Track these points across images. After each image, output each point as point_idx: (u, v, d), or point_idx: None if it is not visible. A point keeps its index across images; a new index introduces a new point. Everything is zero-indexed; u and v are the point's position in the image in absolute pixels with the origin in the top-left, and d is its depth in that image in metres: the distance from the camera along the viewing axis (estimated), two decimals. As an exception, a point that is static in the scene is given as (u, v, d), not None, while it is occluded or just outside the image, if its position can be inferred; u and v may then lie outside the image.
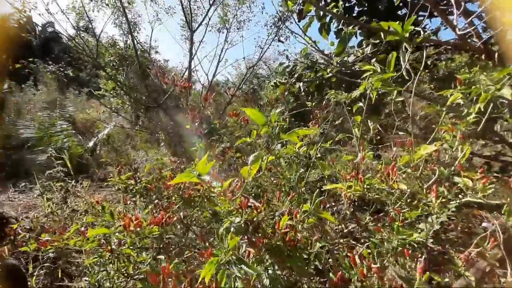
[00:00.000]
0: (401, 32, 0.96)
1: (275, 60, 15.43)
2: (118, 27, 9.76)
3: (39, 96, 10.56)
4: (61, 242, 0.96)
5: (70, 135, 6.62)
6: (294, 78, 3.18)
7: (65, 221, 2.91)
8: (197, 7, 9.46)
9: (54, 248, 0.97)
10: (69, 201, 2.95)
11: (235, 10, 10.08)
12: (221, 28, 10.26)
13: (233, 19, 10.19)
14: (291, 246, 0.63)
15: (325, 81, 3.29)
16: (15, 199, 4.48)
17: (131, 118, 11.16)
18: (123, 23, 9.59)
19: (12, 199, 4.43)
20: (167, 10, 9.94)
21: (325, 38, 3.65)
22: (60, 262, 2.15)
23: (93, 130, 9.07)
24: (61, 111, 8.61)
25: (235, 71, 17.90)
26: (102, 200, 3.84)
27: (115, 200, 4.05)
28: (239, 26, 10.34)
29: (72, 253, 2.43)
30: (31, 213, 3.44)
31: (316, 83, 3.27)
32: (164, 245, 0.91)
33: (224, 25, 10.09)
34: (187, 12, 8.81)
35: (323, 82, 3.29)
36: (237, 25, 10.27)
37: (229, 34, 10.21)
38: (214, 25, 10.14)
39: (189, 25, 8.81)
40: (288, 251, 0.63)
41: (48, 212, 2.74)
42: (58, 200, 2.83)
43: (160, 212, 0.95)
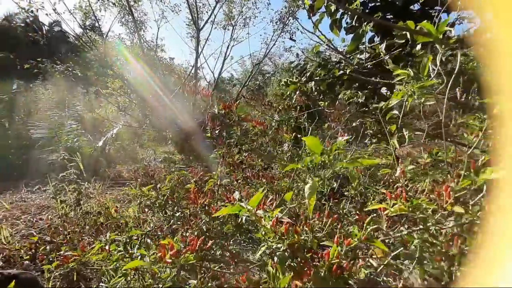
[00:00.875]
0: (435, 33, 0.90)
1: (280, 56, 15.31)
2: (125, 26, 9.78)
3: (48, 96, 10.68)
4: (83, 257, 0.94)
5: (79, 135, 6.68)
6: (305, 77, 3.12)
7: (78, 222, 2.93)
8: (202, 5, 9.40)
9: (76, 263, 0.96)
10: (82, 202, 2.97)
11: (240, 7, 9.98)
12: (226, 25, 10.18)
13: (238, 16, 10.10)
14: (337, 275, 0.60)
15: (336, 79, 3.22)
16: (28, 199, 4.55)
17: (138, 116, 11.21)
18: (129, 21, 9.60)
19: (25, 199, 4.49)
20: (173, 8, 9.90)
21: (336, 35, 3.57)
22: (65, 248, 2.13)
23: (102, 129, 9.14)
24: (70, 110, 8.69)
25: (240, 68, 17.83)
26: (113, 200, 3.85)
27: (126, 200, 4.08)
28: (244, 23, 10.25)
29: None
30: (45, 215, 3.48)
31: (328, 81, 3.20)
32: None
33: (229, 22, 10.01)
34: (193, 9, 8.75)
35: (334, 80, 3.22)
36: (242, 21, 10.18)
37: (234, 31, 10.13)
38: (220, 22, 10.07)
39: (195, 23, 8.75)
40: (333, 280, 0.59)
41: (62, 214, 2.76)
42: (71, 202, 2.85)
43: (186, 229, 0.92)
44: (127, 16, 9.49)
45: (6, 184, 5.71)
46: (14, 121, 8.26)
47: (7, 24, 17.65)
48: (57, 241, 2.19)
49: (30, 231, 2.97)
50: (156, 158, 8.33)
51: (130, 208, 3.12)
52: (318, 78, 3.15)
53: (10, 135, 7.71)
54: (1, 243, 2.58)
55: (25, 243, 2.68)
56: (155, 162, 7.63)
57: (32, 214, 3.55)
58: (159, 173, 2.42)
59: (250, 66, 15.91)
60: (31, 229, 3.04)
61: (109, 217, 2.96)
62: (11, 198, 4.42)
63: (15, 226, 3.05)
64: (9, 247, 2.55)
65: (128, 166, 7.68)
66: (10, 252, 2.58)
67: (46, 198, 4.28)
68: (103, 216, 2.86)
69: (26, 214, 3.58)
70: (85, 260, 0.94)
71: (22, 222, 3.23)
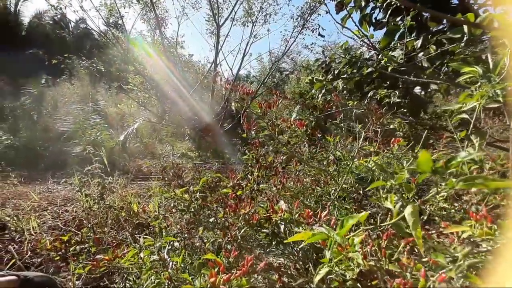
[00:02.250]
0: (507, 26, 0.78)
1: (298, 53, 15.05)
2: (146, 23, 9.93)
3: (73, 90, 11.10)
4: (115, 262, 0.91)
5: (102, 129, 6.87)
6: (332, 75, 2.98)
7: (102, 216, 2.98)
8: (223, 1, 9.35)
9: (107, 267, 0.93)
10: (105, 196, 3.02)
11: (261, 3, 9.85)
12: (246, 22, 10.09)
13: (259, 12, 9.97)
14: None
15: (365, 77, 3.06)
16: (54, 190, 4.72)
17: (157, 112, 11.42)
18: (151, 18, 9.73)
19: (52, 190, 4.66)
20: (194, 4, 9.93)
21: (366, 30, 3.40)
22: (95, 250, 2.14)
23: (123, 124, 9.37)
24: (93, 104, 8.97)
25: (258, 65, 17.71)
26: (134, 195, 3.89)
27: (146, 195, 4.13)
28: (264, 19, 10.11)
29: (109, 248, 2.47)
30: (70, 206, 3.58)
31: (356, 80, 3.05)
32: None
33: (249, 18, 9.91)
34: (214, 6, 8.73)
35: (363, 79, 3.06)
36: (263, 18, 10.05)
37: (254, 27, 10.02)
38: (240, 19, 9.99)
39: (215, 19, 8.73)
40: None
41: (86, 208, 2.82)
42: (95, 195, 2.91)
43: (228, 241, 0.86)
44: (149, 13, 9.63)
45: (34, 174, 5.98)
46: (42, 114, 8.64)
47: (37, 21, 18.49)
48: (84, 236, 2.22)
49: (56, 222, 3.05)
50: (175, 153, 8.43)
51: (150, 204, 3.14)
52: (345, 76, 3.01)
53: (38, 128, 8.07)
54: (30, 234, 2.67)
55: (52, 235, 2.76)
56: (173, 158, 7.72)
57: (58, 206, 3.66)
58: (187, 172, 2.39)
59: (268, 63, 15.77)
60: (57, 220, 3.13)
61: (131, 211, 3.00)
62: (39, 189, 4.60)
63: (43, 217, 3.15)
64: (37, 237, 2.63)
65: (147, 161, 7.83)
66: (38, 243, 2.66)
67: (71, 190, 4.41)
68: (125, 211, 2.89)
69: (53, 205, 3.70)
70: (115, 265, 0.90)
71: (49, 213, 3.34)
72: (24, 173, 5.77)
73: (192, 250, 1.08)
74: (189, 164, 7.27)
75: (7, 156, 6.63)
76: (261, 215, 0.89)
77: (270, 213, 0.86)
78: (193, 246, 1.10)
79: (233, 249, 0.77)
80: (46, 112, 9.24)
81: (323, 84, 3.03)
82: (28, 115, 8.25)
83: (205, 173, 4.21)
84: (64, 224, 2.99)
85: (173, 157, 7.51)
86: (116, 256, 0.89)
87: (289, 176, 1.40)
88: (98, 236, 2.52)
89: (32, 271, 1.93)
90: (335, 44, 13.48)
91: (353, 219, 0.55)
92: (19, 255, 2.53)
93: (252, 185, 1.24)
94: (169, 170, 1.59)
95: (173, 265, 0.89)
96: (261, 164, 1.34)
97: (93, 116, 7.34)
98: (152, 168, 6.85)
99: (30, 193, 3.79)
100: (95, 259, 0.89)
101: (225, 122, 9.69)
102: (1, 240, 2.80)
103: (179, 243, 1.12)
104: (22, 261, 2.46)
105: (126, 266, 0.89)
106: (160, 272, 0.88)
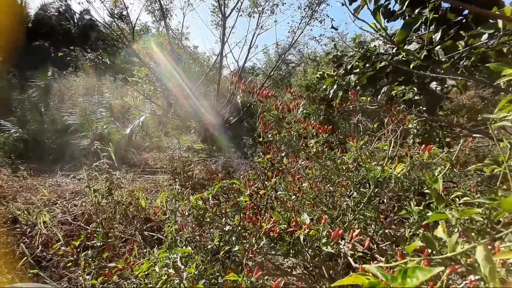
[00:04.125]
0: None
1: (305, 44, 14.76)
2: (151, 14, 9.80)
3: (79, 82, 11.12)
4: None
5: (109, 122, 6.87)
6: (344, 69, 2.88)
7: (110, 211, 2.99)
8: (229, -9, 9.13)
9: (119, 276, 0.90)
10: (113, 191, 3.02)
11: (268, -7, 9.62)
12: (252, 13, 9.88)
13: (265, 2, 9.75)
14: None
15: (378, 72, 2.96)
16: (63, 183, 4.76)
17: (163, 105, 11.39)
18: (156, 9, 9.59)
19: (60, 183, 4.71)
20: (199, -6, 9.72)
21: (379, 21, 3.27)
22: (107, 254, 2.17)
23: (129, 116, 9.37)
24: (99, 97, 8.95)
25: (264, 57, 17.48)
26: (141, 189, 3.88)
27: (153, 189, 4.14)
28: (271, 9, 9.88)
29: (118, 245, 2.48)
30: (78, 200, 3.60)
31: (369, 74, 2.95)
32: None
33: (255, 8, 9.70)
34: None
35: (376, 73, 2.96)
36: (269, 8, 9.83)
37: (261, 18, 9.82)
38: (245, 9, 9.78)
39: (221, 10, 8.55)
40: None
41: (95, 203, 2.82)
42: (103, 190, 2.91)
43: (249, 257, 0.81)
44: (154, 3, 9.49)
45: (42, 167, 6.05)
46: (49, 107, 8.68)
47: (43, 13, 18.44)
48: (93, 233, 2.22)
49: (65, 216, 3.07)
50: (180, 147, 8.43)
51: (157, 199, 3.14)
52: (357, 71, 2.91)
53: (46, 120, 8.11)
54: (40, 228, 2.69)
55: (62, 230, 2.78)
56: (179, 151, 7.72)
57: (67, 199, 3.69)
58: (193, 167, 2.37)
59: (274, 56, 15.54)
60: (67, 214, 3.15)
61: (139, 207, 3.00)
62: (48, 182, 4.65)
63: (52, 211, 3.18)
64: (48, 232, 2.65)
65: (154, 154, 7.85)
66: (48, 237, 2.68)
67: (79, 183, 4.44)
68: (133, 207, 2.89)
69: (61, 199, 3.73)
70: (128, 275, 0.88)
71: (59, 207, 3.37)
72: (33, 166, 5.83)
73: (205, 255, 1.05)
74: (195, 158, 7.27)
75: (17, 148, 6.70)
76: (282, 228, 0.85)
77: (293, 227, 0.81)
78: (206, 250, 1.07)
79: (256, 269, 0.73)
80: (53, 105, 9.29)
81: (335, 80, 2.94)
82: (36, 108, 8.30)
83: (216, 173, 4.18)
84: (73, 219, 3.01)
85: (179, 151, 7.50)
86: (129, 264, 0.86)
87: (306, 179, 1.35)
88: (107, 231, 2.53)
89: (29, 283, 1.93)
90: (342, 35, 13.17)
91: (422, 273, 0.45)
92: (30, 249, 2.56)
93: (269, 192, 1.19)
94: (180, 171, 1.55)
95: (187, 275, 0.86)
96: (277, 169, 1.29)
97: (99, 109, 7.33)
98: (159, 162, 6.88)
99: (40, 187, 3.82)
100: (108, 267, 0.86)
101: (230, 115, 9.62)
102: (13, 234, 2.84)
103: (191, 246, 1.09)
104: (33, 255, 2.49)
105: (140, 276, 0.86)
106: (173, 281, 0.85)
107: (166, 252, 0.92)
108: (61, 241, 2.36)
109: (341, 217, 1.16)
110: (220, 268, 0.94)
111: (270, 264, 1.00)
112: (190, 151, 8.34)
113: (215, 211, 1.02)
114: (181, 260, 0.89)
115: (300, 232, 0.81)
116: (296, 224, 0.82)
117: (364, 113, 3.74)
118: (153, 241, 2.42)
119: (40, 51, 15.18)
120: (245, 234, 0.94)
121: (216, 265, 0.95)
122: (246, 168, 4.89)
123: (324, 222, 0.83)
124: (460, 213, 0.63)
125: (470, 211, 0.62)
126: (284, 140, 1.09)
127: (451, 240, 0.56)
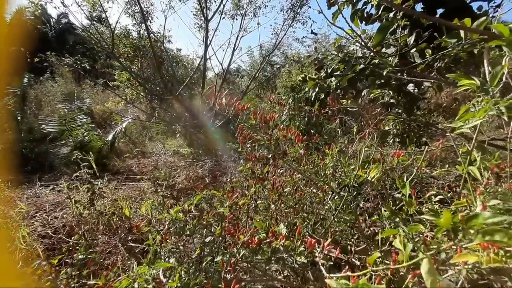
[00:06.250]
0: (508, 35, 0.75)
1: (288, 45, 14.92)
2: (131, 17, 9.60)
3: (57, 88, 10.71)
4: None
5: (90, 129, 6.67)
6: (325, 72, 2.95)
7: (93, 222, 2.91)
8: (210, -7, 9.09)
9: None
10: (95, 202, 2.94)
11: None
12: (235, 15, 9.89)
13: (248, 4, 9.78)
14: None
15: (358, 75, 3.04)
16: (42, 194, 4.57)
17: (146, 109, 11.17)
18: (136, 12, 9.41)
19: (39, 194, 4.52)
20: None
21: (357, 26, 3.37)
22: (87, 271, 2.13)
23: (111, 122, 9.13)
24: (79, 103, 8.66)
25: (249, 59, 17.52)
26: (125, 197, 3.80)
27: (137, 198, 4.05)
28: (254, 12, 9.93)
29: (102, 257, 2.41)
30: (59, 212, 3.47)
31: (349, 76, 3.03)
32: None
33: (238, 10, 9.71)
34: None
35: (356, 76, 3.04)
36: (252, 11, 9.87)
37: (244, 21, 9.84)
38: (228, 11, 9.77)
39: (203, 13, 8.50)
40: None
41: (76, 214, 2.74)
42: (85, 201, 2.82)
43: (227, 270, 0.82)
44: (134, 6, 9.30)
45: (20, 178, 5.77)
46: (26, 114, 8.32)
47: (18, 17, 17.63)
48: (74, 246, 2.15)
49: (45, 230, 2.96)
50: (166, 152, 8.30)
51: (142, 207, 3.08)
52: (338, 74, 2.98)
53: (23, 128, 7.77)
54: (19, 243, 2.57)
55: (42, 243, 2.68)
56: (165, 156, 7.60)
57: (47, 211, 3.55)
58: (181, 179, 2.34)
59: (258, 57, 15.59)
60: (47, 227, 3.04)
61: (123, 216, 2.93)
62: (26, 193, 4.46)
63: (31, 225, 3.05)
64: (27, 247, 2.54)
65: (138, 160, 7.68)
66: (28, 252, 2.57)
67: (59, 194, 4.29)
68: (116, 216, 2.82)
69: (41, 211, 3.59)
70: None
71: (38, 220, 3.24)
72: (10, 177, 5.57)
73: (188, 266, 1.05)
74: (181, 162, 7.18)
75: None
76: (261, 239, 0.86)
77: (270, 238, 0.83)
78: (189, 261, 1.07)
79: (234, 282, 0.74)
80: (31, 112, 8.90)
81: (316, 82, 3.00)
82: (12, 116, 7.92)
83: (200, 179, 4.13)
84: (54, 232, 2.91)
85: (164, 156, 7.38)
86: (109, 281, 0.85)
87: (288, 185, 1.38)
88: (90, 243, 2.45)
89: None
90: (325, 36, 13.42)
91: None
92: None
93: (249, 201, 1.20)
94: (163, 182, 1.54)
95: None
96: (257, 177, 1.30)
97: (79, 115, 7.10)
98: (143, 168, 6.74)
99: (18, 199, 3.66)
100: (88, 285, 0.85)
101: (216, 118, 9.57)
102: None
103: (175, 257, 1.08)
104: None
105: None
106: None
107: (147, 266, 0.91)
108: (41, 257, 2.28)
109: (320, 222, 1.19)
110: (203, 279, 0.94)
111: (255, 269, 1.02)
112: (176, 155, 8.22)
113: (195, 223, 1.03)
114: (163, 273, 0.89)
115: (277, 243, 0.83)
116: (273, 234, 0.84)
117: (348, 112, 3.84)
118: (138, 252, 2.38)
119: (15, 57, 14.50)
120: (226, 245, 0.96)
121: (199, 276, 0.95)
122: (233, 171, 4.88)
123: (298, 232, 0.86)
124: (408, 229, 0.69)
125: (415, 227, 0.68)
126: (263, 148, 1.11)
127: (406, 251, 0.60)
